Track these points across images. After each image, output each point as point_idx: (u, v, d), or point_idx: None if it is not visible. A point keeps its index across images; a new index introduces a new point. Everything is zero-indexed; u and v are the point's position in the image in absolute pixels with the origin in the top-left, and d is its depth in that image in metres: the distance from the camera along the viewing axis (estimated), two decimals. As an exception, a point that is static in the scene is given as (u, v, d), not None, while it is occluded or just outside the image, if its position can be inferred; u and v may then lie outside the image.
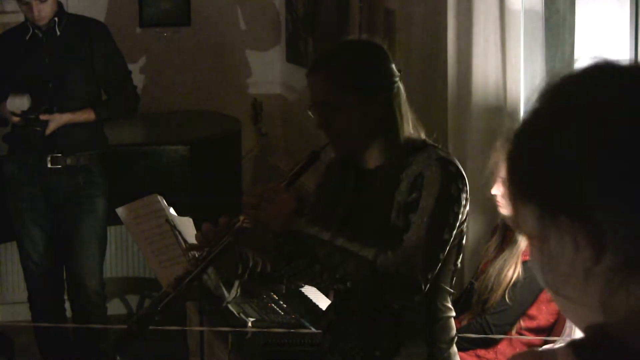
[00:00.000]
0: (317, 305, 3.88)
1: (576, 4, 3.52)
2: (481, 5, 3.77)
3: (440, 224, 2.53)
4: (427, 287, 2.52)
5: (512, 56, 3.74)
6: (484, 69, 3.79)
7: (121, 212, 3.73)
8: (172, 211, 3.60)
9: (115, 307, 6.03)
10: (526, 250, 3.46)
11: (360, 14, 4.97)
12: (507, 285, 3.53)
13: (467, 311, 3.67)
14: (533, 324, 3.55)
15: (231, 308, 3.71)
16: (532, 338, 3.54)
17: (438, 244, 2.54)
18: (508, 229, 3.56)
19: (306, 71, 2.68)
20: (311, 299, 3.96)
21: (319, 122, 2.63)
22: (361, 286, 2.54)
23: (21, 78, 4.78)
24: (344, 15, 5.23)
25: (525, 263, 3.49)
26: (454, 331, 2.71)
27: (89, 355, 5.04)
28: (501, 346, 3.57)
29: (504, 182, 1.22)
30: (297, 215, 2.55)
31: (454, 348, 2.72)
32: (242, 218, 2.58)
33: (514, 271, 3.52)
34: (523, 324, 3.55)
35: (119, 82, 4.90)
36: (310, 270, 2.60)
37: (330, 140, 2.65)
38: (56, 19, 4.81)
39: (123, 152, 5.27)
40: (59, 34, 4.81)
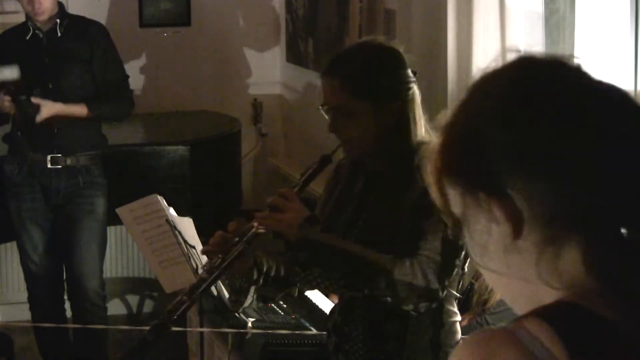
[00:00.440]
0: (317, 306, 3.88)
1: (576, 4, 3.52)
2: (481, 5, 3.77)
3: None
4: (444, 293, 2.52)
5: (512, 56, 3.73)
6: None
7: (121, 212, 3.73)
8: (172, 211, 3.60)
9: (115, 307, 6.03)
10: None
11: (360, 14, 4.97)
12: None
13: (467, 311, 3.67)
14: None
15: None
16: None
17: (453, 250, 2.53)
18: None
19: (321, 72, 2.67)
20: (311, 300, 3.95)
21: (331, 125, 2.63)
22: (378, 294, 2.51)
23: (26, 79, 4.78)
24: (344, 15, 5.23)
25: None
26: (459, 335, 2.70)
27: (89, 356, 5.04)
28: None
29: (433, 171, 1.33)
30: (310, 222, 2.53)
31: None
32: (255, 224, 2.55)
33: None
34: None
35: (115, 85, 4.89)
36: (326, 277, 2.60)
37: (342, 143, 2.64)
38: (57, 20, 4.80)
39: (123, 152, 5.27)
40: (59, 34, 4.81)
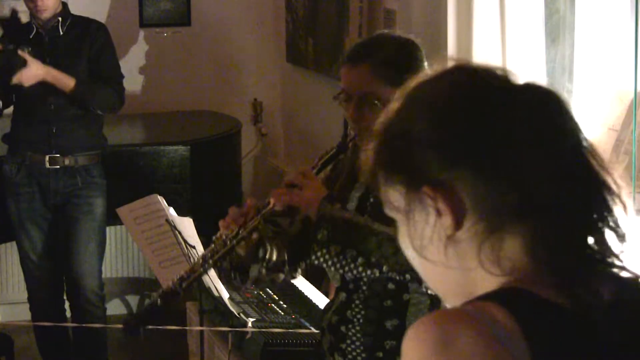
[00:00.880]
0: (318, 306, 3.88)
1: (576, 4, 3.52)
2: (481, 5, 3.77)
3: None
4: None
5: (512, 56, 3.73)
6: (484, 69, 3.79)
7: (121, 212, 3.73)
8: (172, 211, 3.61)
9: (115, 307, 6.04)
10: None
11: (360, 14, 4.97)
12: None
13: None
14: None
15: (231, 308, 3.71)
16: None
17: None
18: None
19: (343, 60, 2.67)
20: (311, 300, 3.96)
21: (352, 113, 2.62)
22: (397, 270, 2.48)
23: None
24: (344, 15, 5.23)
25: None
26: None
27: (89, 356, 5.04)
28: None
29: (371, 175, 1.38)
30: (330, 200, 2.53)
31: None
32: (272, 201, 2.57)
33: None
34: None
35: (107, 78, 4.83)
36: (343, 256, 2.54)
37: (359, 131, 2.62)
38: (60, 18, 4.80)
39: (123, 152, 5.27)
40: (61, 33, 4.81)
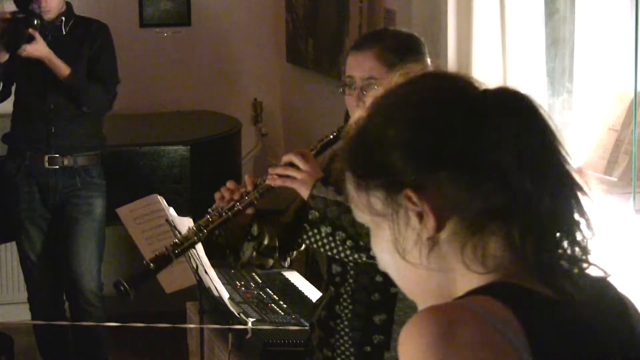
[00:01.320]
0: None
1: (576, 4, 3.52)
2: (481, 5, 3.77)
3: None
4: None
5: (511, 56, 3.74)
6: (484, 69, 3.79)
7: (121, 212, 3.73)
8: (172, 211, 3.60)
9: (115, 307, 6.02)
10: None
11: (360, 14, 4.97)
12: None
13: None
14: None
15: (231, 308, 3.71)
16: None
17: None
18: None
19: (350, 48, 2.76)
20: (312, 300, 3.96)
21: (358, 98, 2.66)
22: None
23: (24, 75, 4.78)
24: (344, 15, 5.23)
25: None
26: None
27: (89, 356, 5.04)
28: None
29: (346, 184, 1.40)
30: (325, 183, 2.61)
31: None
32: (268, 178, 2.71)
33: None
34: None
35: (101, 77, 4.83)
36: (332, 237, 2.64)
37: None
38: (63, 18, 4.80)
39: (123, 152, 5.27)
40: (64, 33, 4.81)
